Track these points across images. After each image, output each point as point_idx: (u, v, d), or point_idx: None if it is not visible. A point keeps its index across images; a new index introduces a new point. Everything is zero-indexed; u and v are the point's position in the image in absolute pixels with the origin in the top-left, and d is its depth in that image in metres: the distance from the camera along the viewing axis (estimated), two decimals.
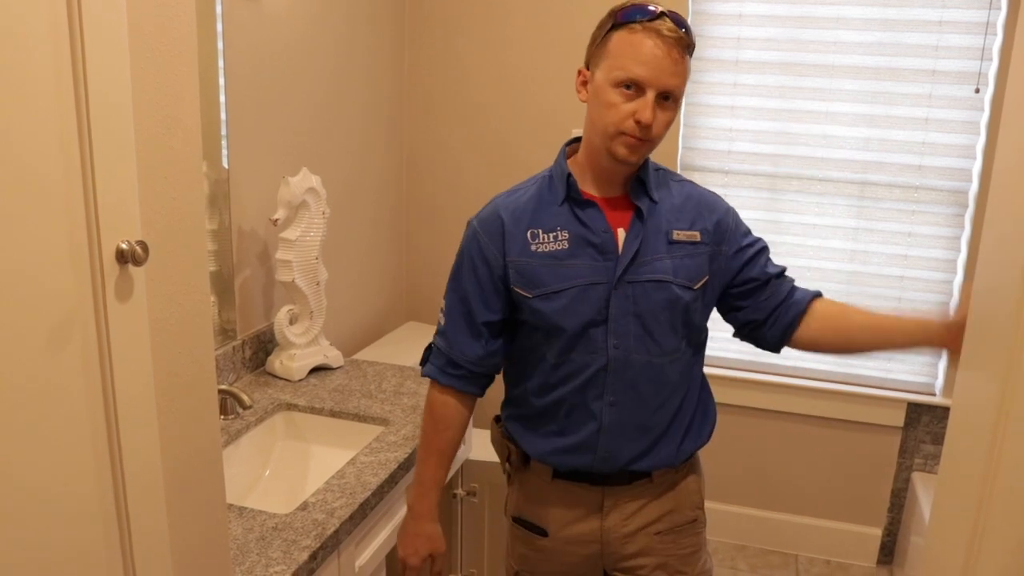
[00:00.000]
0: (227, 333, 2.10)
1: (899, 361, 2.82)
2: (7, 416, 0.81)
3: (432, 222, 3.05)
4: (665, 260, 1.42)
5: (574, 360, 1.44)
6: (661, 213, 1.44)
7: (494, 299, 1.47)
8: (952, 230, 2.68)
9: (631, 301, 1.41)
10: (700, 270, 1.45)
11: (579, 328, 1.42)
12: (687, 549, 1.55)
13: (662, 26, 1.32)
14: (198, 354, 1.10)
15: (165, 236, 1.02)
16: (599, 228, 1.42)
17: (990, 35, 2.50)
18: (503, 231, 1.45)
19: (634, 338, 1.42)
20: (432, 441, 1.54)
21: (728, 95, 2.75)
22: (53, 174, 0.83)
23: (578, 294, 1.41)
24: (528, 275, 1.43)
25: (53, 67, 0.82)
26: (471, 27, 2.84)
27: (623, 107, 1.33)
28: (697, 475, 1.59)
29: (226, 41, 1.97)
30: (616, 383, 1.44)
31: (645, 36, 1.32)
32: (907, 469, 2.88)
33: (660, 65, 1.32)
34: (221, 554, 1.20)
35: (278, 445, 2.01)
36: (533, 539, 1.57)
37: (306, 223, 2.14)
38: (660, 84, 1.32)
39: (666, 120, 1.37)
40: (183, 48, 1.02)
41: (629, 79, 1.32)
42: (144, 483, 0.98)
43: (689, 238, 1.45)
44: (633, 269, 1.41)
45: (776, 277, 1.51)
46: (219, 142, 1.99)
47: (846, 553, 2.99)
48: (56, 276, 0.85)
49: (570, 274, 1.41)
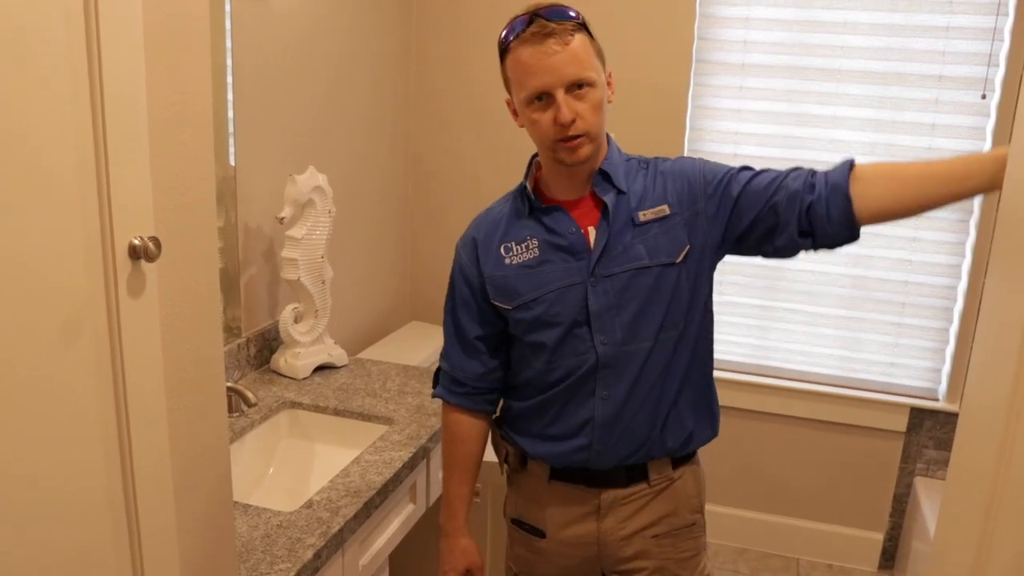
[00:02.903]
0: (232, 330, 2.10)
1: (902, 366, 2.82)
2: (19, 410, 0.81)
3: (436, 222, 3.05)
4: (637, 245, 1.41)
5: (565, 362, 1.45)
6: (628, 201, 1.43)
7: (481, 315, 1.51)
8: (957, 235, 2.68)
9: (610, 295, 1.41)
10: (678, 241, 1.41)
11: (564, 330, 1.43)
12: (685, 553, 1.54)
13: (538, 28, 1.33)
14: (207, 351, 1.10)
15: (176, 232, 1.02)
16: (566, 230, 1.43)
17: (997, 41, 2.50)
18: (476, 250, 1.50)
19: (620, 329, 1.42)
20: (452, 457, 1.58)
21: (734, 98, 2.75)
22: (68, 170, 0.83)
23: (556, 297, 1.43)
24: (504, 288, 1.47)
25: (69, 64, 0.82)
26: (477, 27, 2.84)
27: (543, 118, 1.36)
28: (696, 478, 1.56)
29: (234, 39, 1.97)
30: (608, 377, 1.44)
31: (524, 47, 1.34)
32: (909, 474, 2.88)
33: (547, 65, 1.32)
34: (227, 551, 1.21)
35: (282, 443, 2.01)
36: (531, 541, 1.57)
37: (312, 221, 2.14)
38: (559, 81, 1.33)
39: (590, 107, 1.35)
40: (196, 45, 1.02)
41: (532, 93, 1.35)
42: (153, 479, 0.98)
43: (657, 214, 1.42)
44: (605, 263, 1.41)
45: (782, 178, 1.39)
46: (226, 139, 1.99)
47: (847, 557, 2.99)
48: (69, 271, 0.85)
49: (544, 280, 1.44)
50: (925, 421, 2.82)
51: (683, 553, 1.53)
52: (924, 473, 2.86)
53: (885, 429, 2.84)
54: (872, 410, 2.83)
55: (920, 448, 2.85)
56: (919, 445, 2.84)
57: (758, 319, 2.89)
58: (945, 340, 2.76)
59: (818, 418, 2.89)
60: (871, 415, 2.84)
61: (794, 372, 2.91)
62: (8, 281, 0.78)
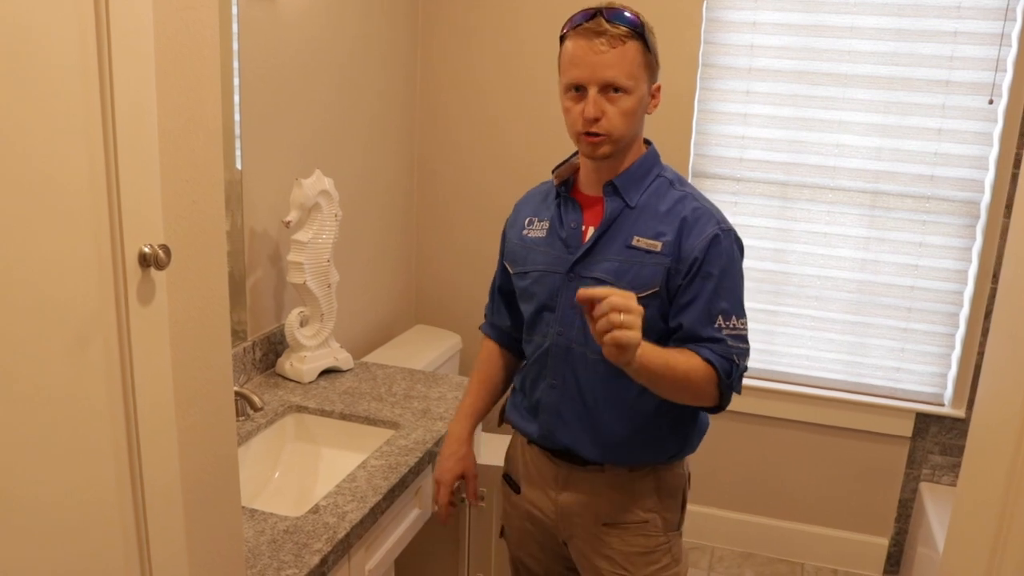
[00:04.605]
0: (238, 334, 2.10)
1: (908, 371, 2.81)
2: (29, 418, 0.81)
3: (441, 226, 3.04)
4: (613, 262, 1.47)
5: (533, 339, 1.59)
6: (633, 218, 1.48)
7: (503, 272, 1.70)
8: (963, 241, 2.67)
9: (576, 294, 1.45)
10: (650, 280, 1.44)
11: (535, 309, 1.56)
12: (634, 548, 1.56)
13: (594, 25, 1.39)
14: (216, 358, 1.10)
15: (186, 240, 1.02)
16: (569, 223, 1.53)
17: (1004, 46, 2.49)
18: (515, 215, 1.67)
19: (577, 330, 1.50)
20: (475, 374, 1.75)
21: (741, 103, 2.75)
22: (78, 178, 0.83)
23: (538, 277, 1.55)
24: (512, 253, 1.64)
25: (80, 71, 0.82)
26: (483, 32, 2.84)
27: (574, 109, 1.44)
28: (658, 479, 1.56)
29: (241, 43, 1.97)
30: (556, 367, 1.54)
31: (576, 39, 1.41)
32: (915, 479, 2.87)
33: (589, 61, 1.39)
34: (235, 557, 1.20)
35: (288, 447, 2.01)
36: (510, 494, 1.71)
37: (318, 225, 2.14)
38: (596, 79, 1.39)
39: (619, 111, 1.41)
40: (206, 52, 1.02)
41: (570, 83, 1.43)
42: (163, 486, 0.98)
43: (649, 246, 1.45)
44: (583, 265, 1.49)
45: (691, 341, 1.44)
46: (233, 143, 1.99)
47: (853, 562, 2.98)
48: (80, 280, 0.85)
49: (537, 259, 1.56)
50: (931, 426, 2.81)
51: (631, 547, 1.57)
52: (929, 479, 2.86)
53: (890, 434, 2.84)
54: (878, 415, 2.83)
55: (926, 453, 2.84)
56: (924, 450, 2.84)
57: (764, 323, 2.88)
58: (951, 345, 2.76)
59: (823, 423, 2.89)
60: (877, 420, 2.83)
61: (799, 377, 2.90)
62: (19, 289, 0.78)
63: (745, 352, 1.48)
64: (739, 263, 1.50)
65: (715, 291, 1.43)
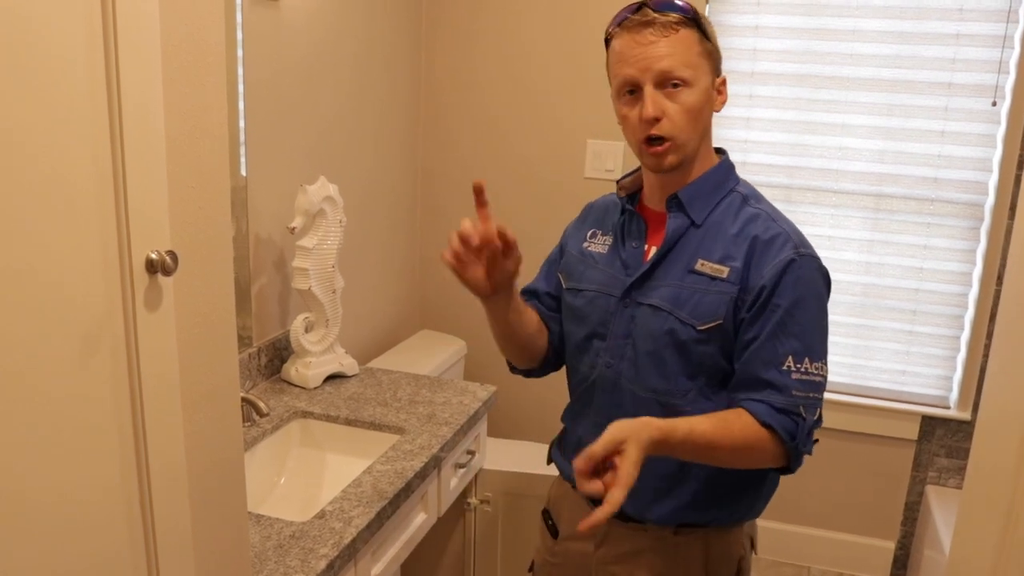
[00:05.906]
0: (243, 340, 2.10)
1: (913, 374, 2.81)
2: (37, 422, 0.81)
3: (446, 231, 3.02)
4: (672, 288, 1.29)
5: (579, 368, 1.42)
6: (699, 238, 1.30)
7: (548, 276, 1.54)
8: (967, 243, 2.67)
9: (631, 322, 1.33)
10: (713, 310, 1.26)
11: (585, 335, 1.40)
12: None
13: (640, 16, 1.24)
14: (222, 364, 1.10)
15: (192, 246, 1.02)
16: (631, 242, 1.37)
17: (1007, 48, 2.50)
18: (579, 223, 1.51)
19: (627, 362, 1.33)
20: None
21: (744, 106, 2.75)
22: (86, 184, 0.84)
23: (592, 299, 1.39)
24: (568, 266, 1.48)
25: (87, 77, 0.83)
26: (487, 37, 2.85)
27: (631, 115, 1.27)
28: (708, 550, 1.38)
29: (246, 49, 1.98)
30: (602, 405, 1.36)
31: (623, 35, 1.26)
32: (921, 482, 2.87)
33: (639, 55, 1.23)
34: (242, 562, 1.21)
35: (293, 453, 2.01)
36: (547, 536, 1.56)
37: (323, 231, 2.15)
38: (650, 73, 1.22)
39: (681, 108, 1.23)
40: (212, 58, 1.03)
41: (623, 84, 1.27)
42: (170, 491, 0.99)
43: (714, 272, 1.26)
44: (640, 290, 1.33)
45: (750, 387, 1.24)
46: (238, 149, 2.00)
47: (859, 566, 2.97)
48: (87, 285, 0.85)
49: (594, 277, 1.41)
50: (936, 429, 2.80)
51: None
52: (935, 481, 2.85)
53: (896, 437, 2.83)
54: (883, 418, 2.82)
55: (931, 456, 2.83)
56: (930, 453, 2.83)
57: None
58: (956, 348, 2.76)
59: (829, 426, 2.88)
60: (882, 423, 2.83)
61: None
62: (26, 295, 0.79)
63: (816, 403, 1.24)
64: (822, 296, 1.27)
65: (782, 325, 1.22)
